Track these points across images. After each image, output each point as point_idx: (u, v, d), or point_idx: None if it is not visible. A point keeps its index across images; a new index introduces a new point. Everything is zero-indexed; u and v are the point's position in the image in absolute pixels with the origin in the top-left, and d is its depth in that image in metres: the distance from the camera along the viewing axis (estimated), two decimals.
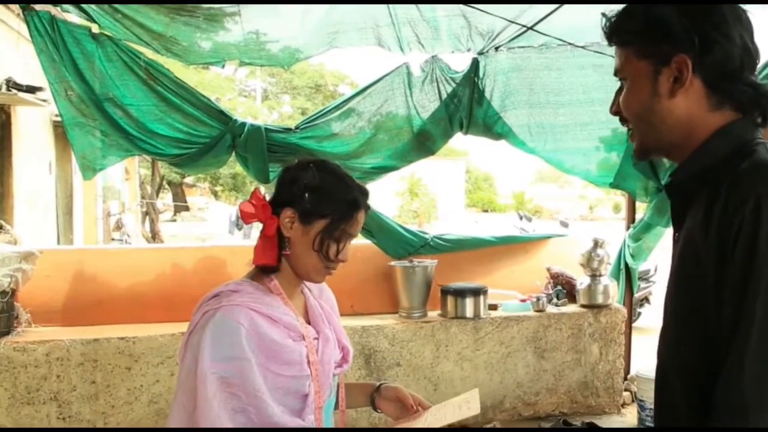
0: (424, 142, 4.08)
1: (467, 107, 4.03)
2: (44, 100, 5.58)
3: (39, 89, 5.39)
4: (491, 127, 4.14)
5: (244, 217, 1.48)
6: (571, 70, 4.16)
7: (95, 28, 3.47)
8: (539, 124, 4.18)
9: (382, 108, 4.00)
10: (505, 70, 4.10)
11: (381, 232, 4.13)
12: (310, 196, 1.46)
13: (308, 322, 1.55)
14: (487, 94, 4.08)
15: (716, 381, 0.97)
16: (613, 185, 4.44)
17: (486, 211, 33.70)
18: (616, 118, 3.93)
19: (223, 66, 3.84)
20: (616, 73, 1.18)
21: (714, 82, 1.07)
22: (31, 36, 3.38)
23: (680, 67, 1.07)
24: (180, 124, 3.68)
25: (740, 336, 0.94)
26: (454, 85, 4.01)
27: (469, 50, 3.98)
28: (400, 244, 4.19)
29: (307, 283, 1.63)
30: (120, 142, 3.63)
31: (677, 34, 1.06)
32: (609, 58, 4.20)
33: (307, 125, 3.95)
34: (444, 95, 4.01)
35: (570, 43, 4.05)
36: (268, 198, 1.53)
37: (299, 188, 1.47)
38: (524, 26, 3.79)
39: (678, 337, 1.08)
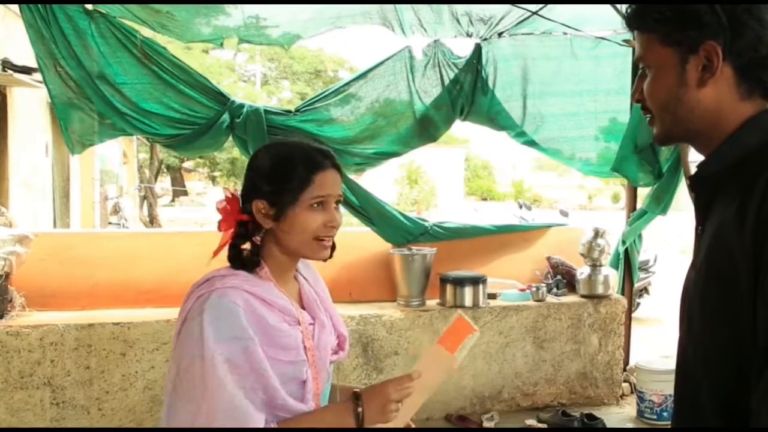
0: (426, 128, 4.03)
1: (469, 94, 3.99)
2: (40, 82, 5.49)
3: (35, 70, 5.30)
4: (495, 117, 4.10)
5: (221, 226, 1.48)
6: (567, 60, 4.14)
7: (88, 5, 3.41)
8: (533, 115, 4.16)
9: (384, 93, 3.96)
10: (507, 58, 4.06)
11: (381, 219, 4.09)
12: (268, 179, 1.44)
13: (302, 308, 1.52)
14: (490, 83, 4.04)
15: (749, 386, 0.92)
16: (613, 169, 4.41)
17: (485, 199, 33.66)
18: (611, 108, 3.89)
19: (221, 44, 3.77)
20: (638, 61, 1.11)
21: (745, 69, 1.01)
22: (20, 10, 3.31)
23: (709, 55, 1.00)
24: (176, 103, 3.62)
25: None
26: (456, 70, 3.97)
27: (470, 35, 3.94)
28: (400, 231, 4.15)
29: (302, 271, 1.60)
30: (112, 121, 3.57)
31: (705, 19, 1.00)
32: (606, 48, 4.18)
33: (307, 108, 3.89)
34: (446, 80, 3.97)
35: (574, 28, 4.00)
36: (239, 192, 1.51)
37: (256, 178, 1.46)
38: (528, 11, 3.75)
39: (705, 338, 1.03)
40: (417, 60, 3.95)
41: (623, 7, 1.08)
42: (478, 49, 3.99)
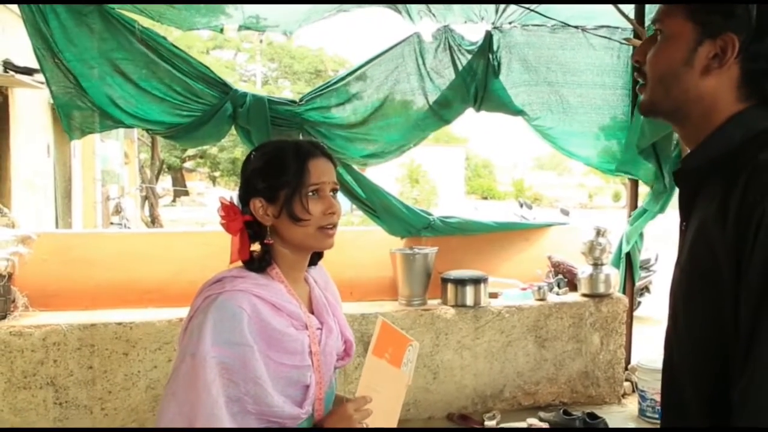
0: (438, 110, 3.95)
1: (482, 80, 3.92)
2: (42, 82, 5.50)
3: (36, 71, 5.32)
4: (508, 102, 4.04)
5: (228, 230, 1.47)
6: (585, 51, 4.10)
7: None
8: (559, 102, 4.11)
9: (392, 75, 3.88)
10: (521, 45, 4.02)
11: (386, 211, 4.08)
12: (262, 176, 1.45)
13: (311, 312, 1.52)
14: (504, 68, 3.98)
15: (731, 382, 0.92)
16: (616, 172, 4.40)
17: (486, 198, 33.66)
18: (622, 105, 3.86)
19: (221, 30, 3.73)
20: (653, 23, 1.09)
21: (751, 75, 1.00)
22: (19, 6, 3.31)
23: (725, 46, 0.99)
24: (178, 86, 3.55)
25: (761, 340, 0.88)
26: (468, 56, 3.90)
27: (482, 19, 3.88)
28: (403, 224, 4.14)
29: (313, 273, 1.61)
30: (110, 113, 3.54)
31: (736, 10, 0.98)
32: (614, 42, 4.17)
33: (313, 97, 3.86)
34: (458, 63, 3.90)
35: (574, 26, 4.00)
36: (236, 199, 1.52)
37: (250, 177, 1.47)
38: (527, 8, 3.74)
39: (690, 335, 1.03)
40: (427, 43, 3.87)
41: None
42: (488, 36, 3.95)
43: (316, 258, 1.60)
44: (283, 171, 1.44)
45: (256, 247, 1.48)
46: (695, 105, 1.04)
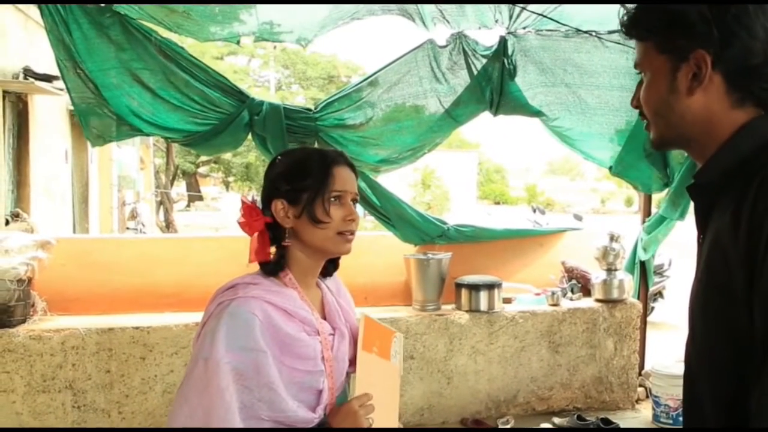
0: (451, 111, 3.95)
1: (498, 84, 3.93)
2: (60, 89, 5.59)
3: (55, 78, 5.40)
4: (525, 104, 4.04)
5: (245, 230, 1.50)
6: (601, 53, 4.09)
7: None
8: (578, 103, 4.09)
9: (405, 78, 3.88)
10: (536, 49, 4.02)
11: (400, 220, 4.09)
12: (286, 179, 1.49)
13: (324, 318, 1.54)
14: (519, 71, 3.98)
15: (749, 392, 0.93)
16: (614, 173, 4.39)
17: (498, 203, 33.63)
18: (628, 108, 3.80)
19: (238, 42, 3.77)
20: (635, 66, 1.15)
21: (735, 78, 1.03)
22: (42, 16, 3.36)
23: (699, 63, 1.03)
24: (196, 95, 3.59)
25: None
26: (483, 60, 3.91)
27: (496, 22, 3.88)
28: (417, 232, 4.16)
29: (326, 280, 1.63)
30: (129, 122, 3.59)
31: (696, 27, 1.02)
32: (631, 47, 4.16)
33: (327, 104, 3.89)
34: (473, 67, 3.90)
35: (586, 32, 4.00)
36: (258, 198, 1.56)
37: (274, 179, 1.51)
38: (537, 13, 3.75)
39: (707, 345, 1.05)
40: (440, 48, 3.88)
41: (622, 16, 1.12)
42: (503, 41, 3.95)
43: (331, 269, 1.62)
44: (308, 174, 1.48)
45: (271, 250, 1.51)
46: (695, 125, 1.07)
